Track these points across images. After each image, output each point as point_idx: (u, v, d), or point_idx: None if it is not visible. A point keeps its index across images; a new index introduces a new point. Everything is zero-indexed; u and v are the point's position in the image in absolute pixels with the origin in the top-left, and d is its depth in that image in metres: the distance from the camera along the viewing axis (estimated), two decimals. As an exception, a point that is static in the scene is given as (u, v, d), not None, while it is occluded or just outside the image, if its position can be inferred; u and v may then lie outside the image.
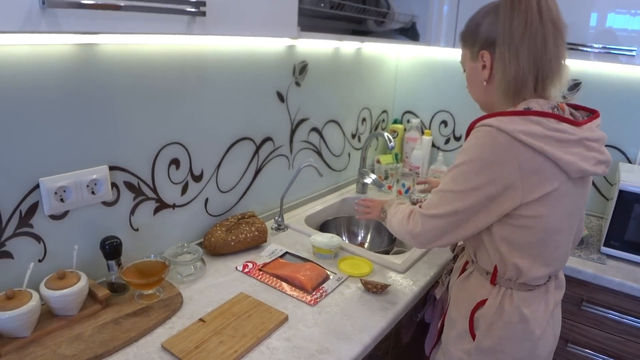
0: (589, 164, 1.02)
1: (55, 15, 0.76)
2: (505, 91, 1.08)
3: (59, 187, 1.13)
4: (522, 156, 0.98)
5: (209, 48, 1.42)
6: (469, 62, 1.19)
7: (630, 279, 1.56)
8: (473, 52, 1.16)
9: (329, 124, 2.04)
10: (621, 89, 1.95)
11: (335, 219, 1.98)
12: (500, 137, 0.99)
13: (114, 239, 1.23)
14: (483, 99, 1.20)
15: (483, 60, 1.13)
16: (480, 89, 1.18)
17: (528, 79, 1.05)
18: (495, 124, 1.01)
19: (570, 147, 1.01)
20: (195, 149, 1.46)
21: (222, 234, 1.50)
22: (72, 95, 1.12)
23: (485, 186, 1.02)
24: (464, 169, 1.05)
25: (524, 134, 0.97)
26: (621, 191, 1.65)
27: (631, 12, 1.68)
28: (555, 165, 1.00)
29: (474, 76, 1.18)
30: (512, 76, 1.06)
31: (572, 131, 1.01)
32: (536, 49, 1.03)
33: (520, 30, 1.03)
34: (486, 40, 1.11)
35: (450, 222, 1.09)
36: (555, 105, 1.06)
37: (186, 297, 1.27)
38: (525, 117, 1.00)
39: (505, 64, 1.06)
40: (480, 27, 1.12)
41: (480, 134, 1.03)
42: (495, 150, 1.00)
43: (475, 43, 1.14)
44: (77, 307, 1.12)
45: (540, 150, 0.98)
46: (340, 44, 1.96)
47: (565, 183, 1.03)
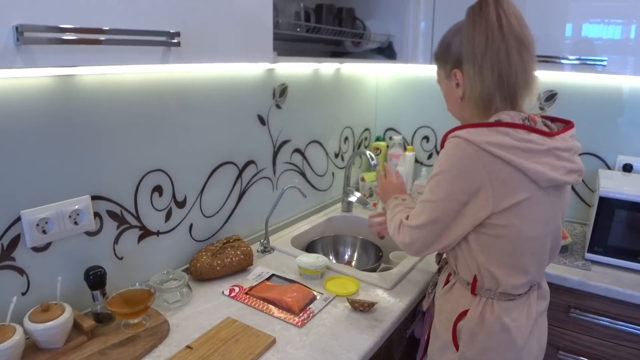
0: (558, 173, 1.05)
1: (30, 52, 0.77)
2: (475, 106, 1.13)
3: (40, 219, 1.13)
4: (490, 166, 1.02)
5: (189, 74, 1.43)
6: (444, 81, 1.23)
7: (615, 284, 1.58)
8: (447, 70, 1.20)
9: (311, 145, 2.06)
10: (597, 98, 1.99)
11: (321, 239, 1.98)
12: (469, 148, 1.03)
13: (98, 269, 1.22)
14: (460, 115, 1.24)
15: (456, 79, 1.17)
16: (456, 106, 1.22)
17: (494, 93, 1.09)
18: (464, 135, 1.04)
19: (539, 157, 1.03)
20: (177, 175, 1.47)
21: (208, 259, 1.50)
22: (52, 126, 1.13)
23: (458, 194, 1.06)
24: (438, 180, 1.10)
25: (491, 144, 1.01)
26: (601, 197, 1.68)
27: (605, 21, 1.71)
28: (524, 175, 1.03)
29: (450, 94, 1.22)
30: (477, 92, 1.10)
31: (542, 141, 1.04)
32: (500, 64, 1.07)
33: (481, 47, 1.07)
34: (457, 59, 1.15)
35: (433, 230, 1.13)
36: (526, 116, 1.09)
37: (173, 324, 1.26)
38: (493, 128, 1.03)
39: (471, 81, 1.11)
40: (450, 47, 1.17)
41: (451, 145, 1.07)
42: (465, 161, 1.04)
43: (447, 62, 1.18)
44: (62, 339, 1.11)
45: (507, 160, 1.01)
46: (319, 65, 1.99)
47: (537, 192, 1.06)
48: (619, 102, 1.96)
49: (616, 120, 1.99)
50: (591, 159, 2.06)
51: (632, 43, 1.69)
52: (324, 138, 2.15)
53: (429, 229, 1.13)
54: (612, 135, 2.01)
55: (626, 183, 1.76)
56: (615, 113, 1.98)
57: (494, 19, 1.07)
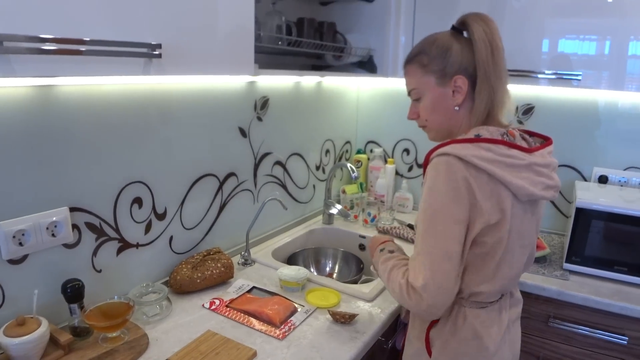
0: (537, 189, 1.06)
1: (9, 61, 0.76)
2: (480, 117, 1.12)
3: (17, 231, 1.11)
4: (478, 180, 1.01)
5: (170, 86, 1.43)
6: (433, 88, 1.16)
7: (593, 293, 1.60)
8: (442, 76, 1.14)
9: (292, 157, 2.07)
10: (573, 112, 2.04)
11: (302, 251, 1.98)
12: (458, 164, 1.01)
13: (75, 282, 1.20)
14: (446, 124, 1.19)
15: (455, 86, 1.13)
16: (446, 114, 1.17)
17: (497, 105, 1.11)
18: (450, 151, 1.03)
19: (520, 172, 1.04)
20: (157, 187, 1.46)
21: (188, 271, 1.49)
22: (30, 136, 1.12)
23: (461, 215, 1.03)
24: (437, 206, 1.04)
25: (478, 158, 1.00)
26: (578, 208, 1.71)
27: (580, 37, 1.76)
28: (507, 188, 1.03)
29: (441, 102, 1.16)
30: (484, 104, 1.10)
31: (522, 157, 1.05)
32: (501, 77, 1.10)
33: (500, 55, 1.09)
34: (460, 66, 1.12)
35: (449, 266, 1.03)
36: (504, 132, 1.09)
37: (152, 338, 1.25)
38: (476, 144, 1.03)
39: (482, 92, 1.10)
40: (450, 52, 1.13)
41: (439, 164, 1.04)
42: (455, 178, 1.01)
43: (445, 67, 1.13)
44: (38, 354, 1.08)
45: (493, 173, 1.01)
46: (300, 78, 2.00)
47: (516, 206, 1.06)
48: (594, 115, 2.01)
49: (592, 133, 2.03)
50: (568, 170, 2.10)
51: (607, 59, 1.74)
52: (305, 150, 2.15)
53: (445, 266, 1.03)
54: (588, 148, 2.05)
55: (602, 194, 1.80)
56: (591, 126, 2.03)
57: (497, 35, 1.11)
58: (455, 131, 1.18)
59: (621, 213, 1.65)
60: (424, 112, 1.20)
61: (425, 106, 1.19)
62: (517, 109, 2.14)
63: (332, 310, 1.37)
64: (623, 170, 2.00)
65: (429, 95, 1.18)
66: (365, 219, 2.22)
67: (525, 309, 1.71)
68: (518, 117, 2.14)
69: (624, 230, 1.67)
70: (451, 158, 1.02)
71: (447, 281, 1.03)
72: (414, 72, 1.19)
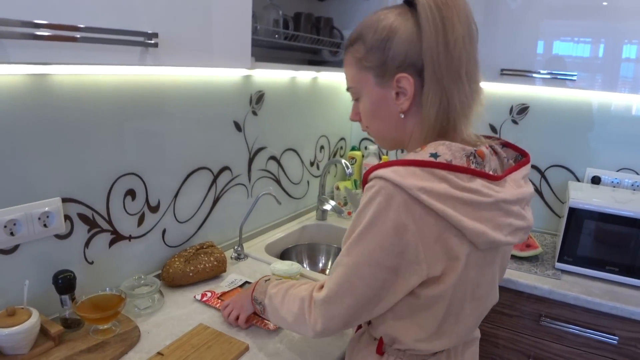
0: (502, 233, 0.82)
1: (3, 46, 0.75)
2: (433, 127, 0.86)
3: (8, 220, 1.10)
4: (422, 220, 0.78)
5: (165, 78, 1.42)
6: (371, 89, 0.90)
7: (584, 293, 1.61)
8: (382, 74, 0.88)
9: (287, 152, 2.06)
10: (568, 113, 2.05)
11: (295, 247, 1.98)
12: (397, 196, 0.77)
13: (67, 273, 1.19)
14: (392, 135, 0.94)
15: (399, 87, 0.87)
16: (390, 123, 0.92)
17: (458, 110, 0.85)
18: (390, 177, 0.78)
19: (482, 211, 0.79)
20: (151, 180, 1.45)
21: (181, 264, 1.48)
22: (23, 125, 1.11)
23: (384, 257, 0.81)
24: (357, 237, 0.83)
25: (425, 192, 0.76)
26: (571, 208, 1.72)
27: (574, 39, 1.78)
28: (461, 233, 0.80)
29: (382, 107, 0.91)
30: (440, 109, 0.84)
31: (487, 191, 0.80)
32: (459, 72, 0.83)
33: (459, 46, 0.82)
34: (405, 59, 0.84)
35: (352, 305, 0.86)
36: (471, 152, 0.83)
37: (144, 330, 1.24)
38: (429, 170, 0.78)
39: (434, 93, 0.83)
40: (392, 40, 0.85)
41: (373, 191, 0.80)
42: (392, 213, 0.78)
43: (386, 62, 0.86)
44: (28, 345, 1.07)
45: (443, 214, 0.77)
46: (296, 73, 1.99)
47: (472, 254, 0.83)
48: (588, 117, 2.02)
49: (586, 134, 2.04)
50: (561, 171, 2.11)
51: (600, 61, 1.76)
52: (300, 146, 2.15)
53: (347, 302, 0.86)
54: (582, 149, 2.06)
55: (595, 195, 1.81)
56: (585, 127, 2.04)
57: (463, 9, 0.83)
58: (405, 141, 0.94)
59: (613, 213, 1.66)
60: (363, 117, 0.96)
61: (364, 110, 0.94)
62: (511, 108, 2.14)
63: (325, 306, 1.37)
64: (616, 172, 2.01)
65: (368, 97, 0.92)
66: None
67: (516, 308, 1.72)
68: (512, 116, 2.14)
69: (615, 231, 1.68)
70: (389, 186, 0.78)
71: (339, 319, 0.89)
72: (349, 65, 0.93)
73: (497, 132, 2.19)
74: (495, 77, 1.88)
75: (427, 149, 0.82)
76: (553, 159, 2.12)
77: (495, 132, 2.19)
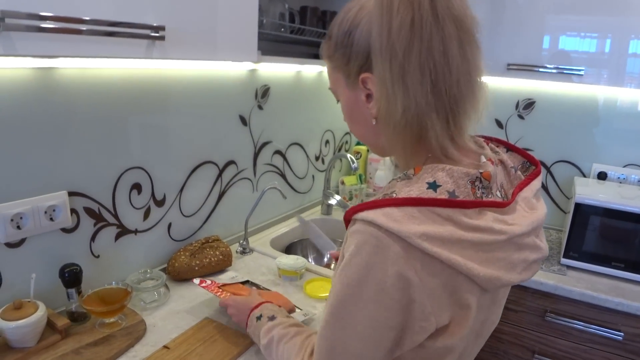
0: (516, 272, 0.69)
1: (11, 39, 0.75)
2: (397, 134, 0.71)
3: (15, 214, 1.10)
4: (425, 270, 0.64)
5: (171, 72, 1.42)
6: (344, 90, 0.79)
7: (590, 289, 1.61)
8: (349, 74, 0.76)
9: (292, 147, 2.06)
10: (574, 108, 2.03)
11: (300, 241, 1.98)
12: (394, 246, 0.63)
13: (73, 267, 1.20)
14: (374, 141, 0.81)
15: (366, 89, 0.73)
16: (367, 128, 0.79)
17: (428, 113, 0.68)
18: (383, 223, 0.63)
19: (494, 252, 0.66)
20: (157, 174, 1.45)
21: (186, 258, 1.48)
22: (29, 119, 1.11)
23: (385, 320, 0.67)
24: (349, 299, 0.68)
25: (427, 238, 0.62)
26: (577, 204, 1.71)
27: (581, 34, 1.77)
28: (471, 280, 0.66)
29: (355, 110, 0.79)
30: (399, 111, 0.68)
31: (499, 227, 0.66)
32: (434, 63, 0.66)
33: (404, 35, 0.65)
34: (367, 56, 0.71)
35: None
36: (476, 176, 0.69)
37: (149, 324, 1.24)
38: (429, 209, 0.64)
39: (389, 92, 0.68)
40: (353, 35, 0.72)
41: (361, 242, 0.65)
42: (389, 267, 0.63)
43: (349, 60, 0.74)
44: (35, 338, 1.08)
45: (449, 263, 0.63)
46: (301, 67, 1.99)
47: (483, 297, 0.71)
48: (594, 112, 2.01)
49: (592, 129, 2.03)
50: (567, 166, 2.10)
51: (607, 56, 1.75)
52: (305, 140, 2.14)
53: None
54: (588, 144, 2.05)
55: (601, 190, 1.80)
56: (591, 123, 2.02)
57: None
58: (387, 150, 0.81)
59: (619, 209, 1.65)
60: (345, 119, 0.84)
61: (343, 113, 0.84)
62: (517, 103, 2.13)
63: (330, 300, 1.37)
64: (622, 167, 2.00)
65: (342, 100, 0.81)
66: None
67: (522, 303, 1.72)
68: (519, 111, 2.13)
69: (621, 227, 1.67)
70: (382, 235, 0.63)
71: None
72: (327, 62, 0.82)
73: (503, 127, 2.18)
74: (502, 72, 1.87)
75: (423, 175, 0.68)
76: (559, 154, 2.11)
77: (501, 127, 2.18)
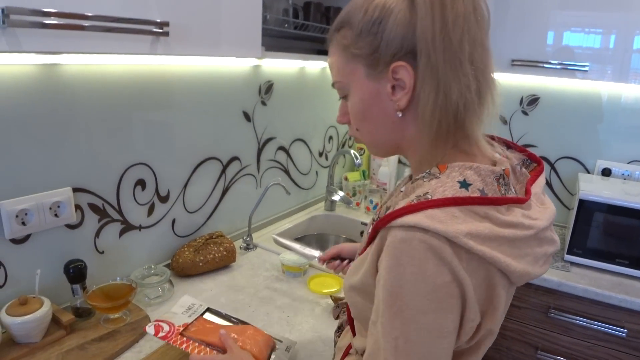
0: (538, 265, 0.69)
1: (16, 35, 0.75)
2: (430, 127, 0.69)
3: (20, 210, 1.11)
4: (469, 268, 0.63)
5: (175, 68, 1.42)
6: (361, 82, 0.74)
7: (593, 285, 1.61)
8: (375, 64, 0.71)
9: (295, 143, 2.05)
10: (578, 104, 2.03)
11: (304, 237, 1.98)
12: (446, 249, 0.61)
13: (78, 262, 1.20)
14: (387, 139, 0.78)
15: (395, 79, 0.70)
16: (384, 124, 0.75)
17: (473, 102, 0.68)
18: (429, 225, 0.61)
19: (523, 247, 0.67)
20: (161, 170, 1.45)
21: (190, 254, 1.48)
22: (33, 115, 1.11)
23: (446, 326, 0.63)
24: (408, 317, 0.63)
25: (472, 237, 0.61)
26: (581, 200, 1.71)
27: (585, 30, 1.76)
28: (502, 274, 0.66)
29: (374, 105, 0.74)
30: (453, 101, 0.67)
31: (528, 222, 0.67)
32: (478, 56, 0.68)
33: (459, 26, 0.66)
34: (402, 45, 0.68)
35: None
36: (500, 173, 0.70)
37: (154, 319, 1.24)
38: (467, 207, 0.63)
39: (440, 80, 0.66)
40: (385, 23, 0.69)
41: (408, 249, 0.62)
42: (442, 280, 0.61)
43: (378, 49, 0.70)
44: (40, 333, 1.08)
45: (491, 260, 0.62)
46: (305, 63, 1.98)
47: (509, 290, 0.71)
48: (599, 108, 2.00)
49: (596, 126, 2.02)
50: (571, 162, 2.09)
51: (611, 52, 1.74)
52: (309, 136, 2.14)
53: None
54: (592, 141, 2.04)
55: (605, 187, 1.80)
56: (596, 119, 2.02)
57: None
58: (403, 146, 0.78)
59: (623, 206, 1.65)
60: (352, 118, 0.79)
61: (353, 109, 0.78)
62: (522, 99, 2.12)
63: (334, 296, 1.37)
64: (627, 164, 2.00)
65: (357, 93, 0.76)
66: (367, 207, 2.22)
67: (525, 300, 1.72)
68: (523, 107, 2.13)
69: (625, 224, 1.66)
70: (431, 239, 0.61)
71: None
72: (335, 55, 0.77)
73: (507, 123, 2.17)
74: (506, 68, 1.87)
75: (452, 174, 0.68)
76: (563, 150, 2.10)
77: (505, 123, 2.18)
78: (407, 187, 0.72)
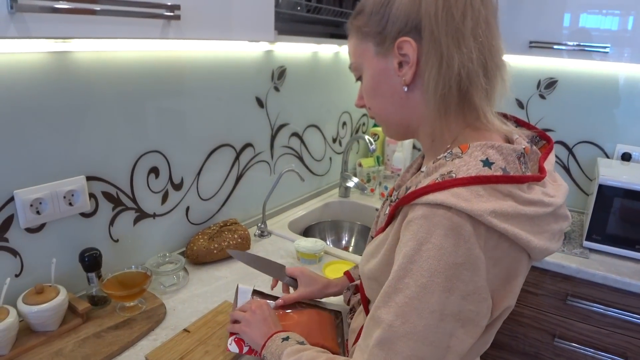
0: (554, 241, 0.72)
1: (24, 21, 0.74)
2: (442, 97, 0.72)
3: (34, 199, 1.10)
4: (487, 246, 0.65)
5: (187, 54, 1.40)
6: (371, 60, 0.79)
7: (613, 272, 1.58)
8: (383, 41, 0.76)
9: (309, 129, 2.03)
10: (597, 87, 1.98)
11: (318, 224, 1.97)
12: (466, 227, 0.63)
13: (93, 251, 1.20)
14: (398, 117, 0.81)
15: (401, 55, 0.74)
16: (393, 101, 0.79)
17: (478, 75, 0.71)
18: (454, 203, 0.62)
19: (543, 224, 0.69)
20: (174, 157, 1.44)
21: (205, 242, 1.48)
22: (46, 104, 1.10)
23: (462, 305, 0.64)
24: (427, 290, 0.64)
25: (496, 215, 0.63)
26: (601, 186, 1.67)
27: (602, 12, 1.72)
28: (522, 250, 0.68)
29: (382, 82, 0.79)
30: (455, 71, 0.70)
31: (547, 200, 0.70)
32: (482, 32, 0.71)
33: (460, 1, 0.70)
34: (407, 21, 0.72)
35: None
36: (521, 151, 0.71)
37: (169, 307, 1.24)
38: (492, 186, 0.65)
39: (443, 53, 0.70)
40: (392, 3, 0.73)
41: (430, 227, 0.64)
42: (464, 248, 0.63)
43: (386, 25, 0.74)
44: (56, 322, 1.08)
45: (514, 237, 0.65)
46: (318, 47, 1.95)
47: (526, 266, 0.72)
48: (617, 92, 1.96)
49: (615, 109, 1.98)
50: (590, 147, 2.05)
51: (630, 34, 1.69)
52: (322, 122, 2.12)
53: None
54: (612, 124, 2.00)
55: (625, 172, 1.76)
56: (615, 102, 1.97)
57: None
58: (413, 125, 0.81)
59: (645, 191, 1.61)
60: (365, 96, 0.84)
61: (365, 87, 0.83)
62: (539, 82, 2.08)
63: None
64: (648, 148, 1.95)
65: (368, 71, 0.81)
66: (382, 193, 2.20)
67: (542, 286, 1.70)
68: (540, 91, 2.08)
69: (646, 209, 1.63)
70: (454, 216, 0.63)
71: None
72: (352, 38, 0.83)
73: (524, 107, 2.13)
74: (524, 50, 1.83)
75: (475, 153, 0.69)
76: (582, 135, 2.06)
77: (522, 107, 2.13)
78: (429, 167, 0.73)
